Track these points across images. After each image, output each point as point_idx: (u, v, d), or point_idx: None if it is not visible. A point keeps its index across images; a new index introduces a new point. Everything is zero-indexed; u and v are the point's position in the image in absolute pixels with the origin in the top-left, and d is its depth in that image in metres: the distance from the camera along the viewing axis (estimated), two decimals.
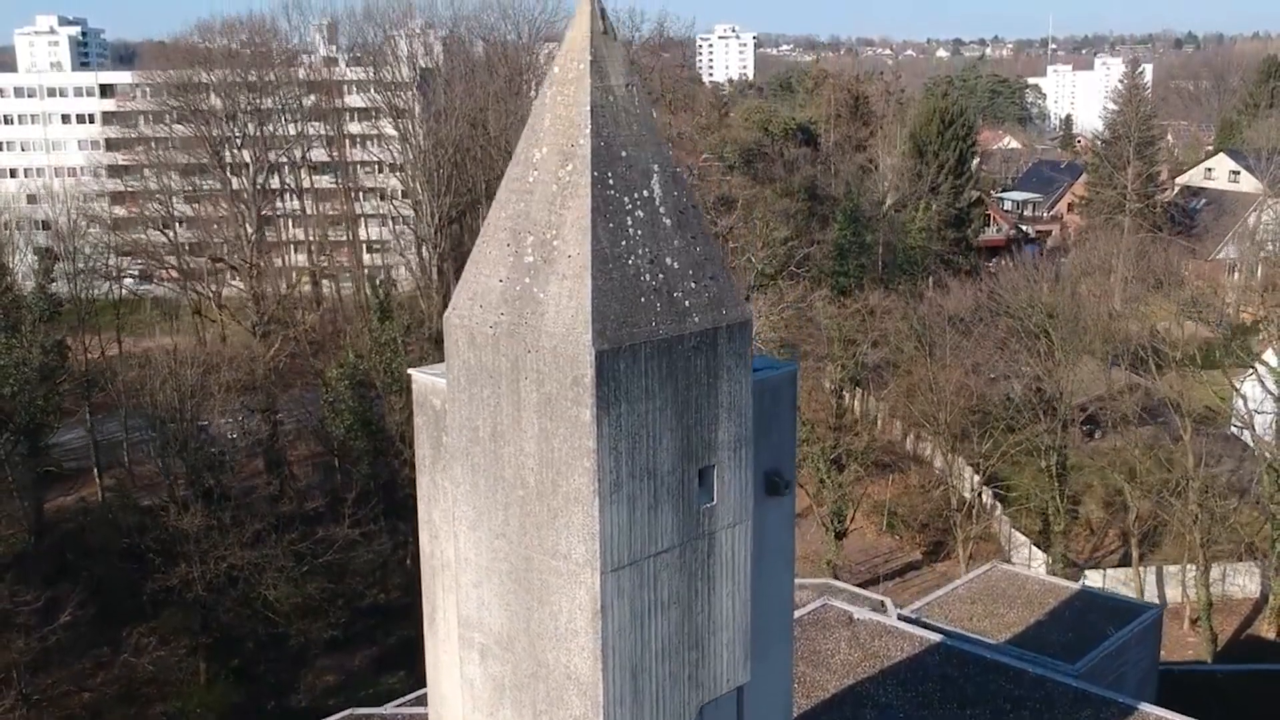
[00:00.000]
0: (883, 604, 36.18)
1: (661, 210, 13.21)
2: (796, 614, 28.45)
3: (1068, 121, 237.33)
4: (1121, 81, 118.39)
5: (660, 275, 13.05)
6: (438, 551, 15.90)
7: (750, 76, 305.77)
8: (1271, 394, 56.21)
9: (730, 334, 13.61)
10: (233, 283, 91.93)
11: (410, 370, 16.14)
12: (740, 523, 14.10)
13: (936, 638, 28.82)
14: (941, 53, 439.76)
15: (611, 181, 12.83)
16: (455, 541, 14.42)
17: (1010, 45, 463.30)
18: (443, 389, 14.86)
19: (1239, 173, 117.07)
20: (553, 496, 12.96)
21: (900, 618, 31.96)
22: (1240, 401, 58.15)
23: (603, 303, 12.46)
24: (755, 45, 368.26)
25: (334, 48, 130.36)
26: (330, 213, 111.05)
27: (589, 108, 12.75)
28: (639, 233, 12.96)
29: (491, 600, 13.91)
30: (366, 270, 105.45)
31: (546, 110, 13.19)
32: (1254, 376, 58.42)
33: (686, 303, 13.22)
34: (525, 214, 13.21)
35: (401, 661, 52.64)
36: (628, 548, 12.89)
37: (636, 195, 13.02)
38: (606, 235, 12.68)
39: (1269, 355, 60.03)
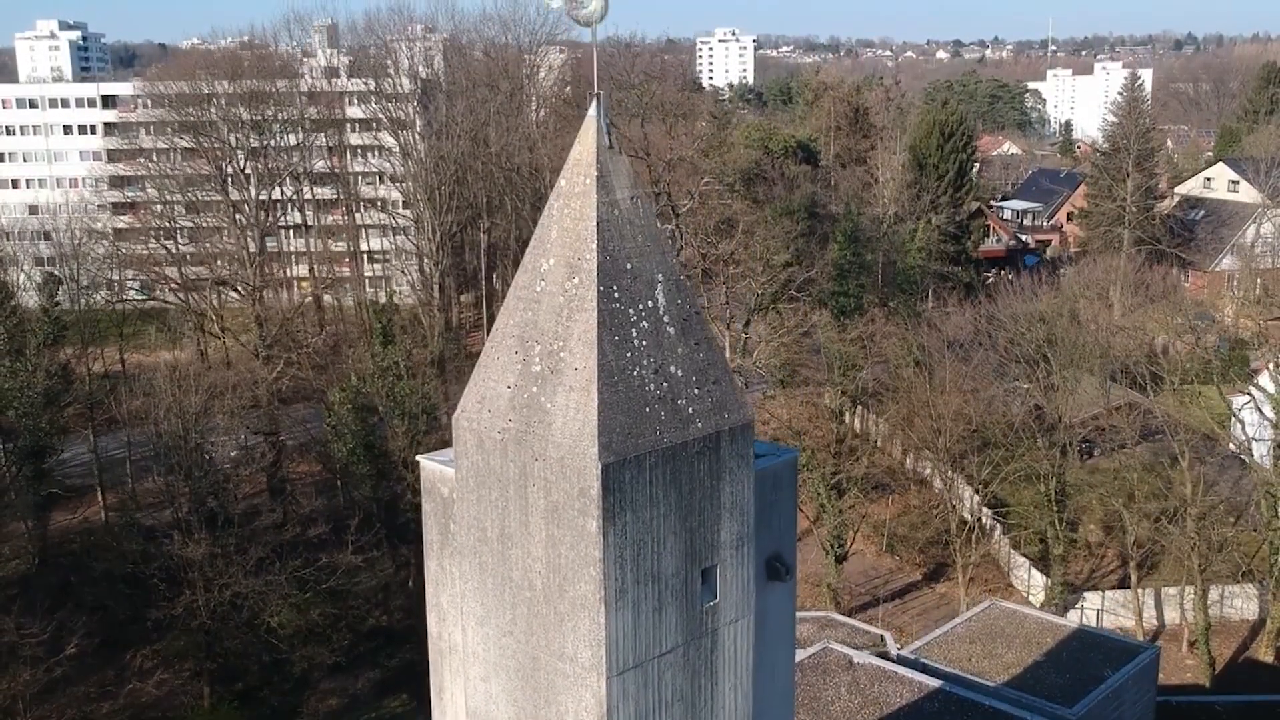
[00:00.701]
0: (882, 639, 36.46)
1: (665, 319, 13.49)
2: (797, 657, 28.75)
3: (1067, 127, 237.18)
4: (1121, 93, 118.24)
5: (665, 384, 13.34)
6: (445, 634, 16.18)
7: (750, 80, 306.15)
8: (1270, 420, 56.39)
9: (733, 436, 13.89)
10: (234, 293, 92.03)
11: (419, 457, 16.46)
12: (743, 618, 14.39)
13: (936, 683, 29.12)
14: (941, 54, 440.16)
15: (617, 294, 13.13)
16: (464, 634, 14.71)
17: (1010, 47, 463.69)
18: (451, 478, 15.14)
19: (1238, 182, 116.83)
20: (559, 601, 13.25)
21: (900, 659, 32.26)
22: (1238, 427, 58.38)
23: (609, 415, 12.76)
24: (755, 48, 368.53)
25: (334, 52, 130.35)
26: (331, 223, 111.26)
27: (595, 222, 13.05)
28: (644, 343, 13.25)
29: (499, 695, 14.21)
30: (367, 280, 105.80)
31: (554, 222, 13.47)
32: (1250, 404, 58.61)
33: (690, 409, 13.51)
34: (533, 323, 13.50)
35: (404, 684, 52.91)
36: (633, 651, 13.18)
37: (641, 306, 13.31)
38: (612, 348, 12.97)
39: (1264, 380, 60.22)
